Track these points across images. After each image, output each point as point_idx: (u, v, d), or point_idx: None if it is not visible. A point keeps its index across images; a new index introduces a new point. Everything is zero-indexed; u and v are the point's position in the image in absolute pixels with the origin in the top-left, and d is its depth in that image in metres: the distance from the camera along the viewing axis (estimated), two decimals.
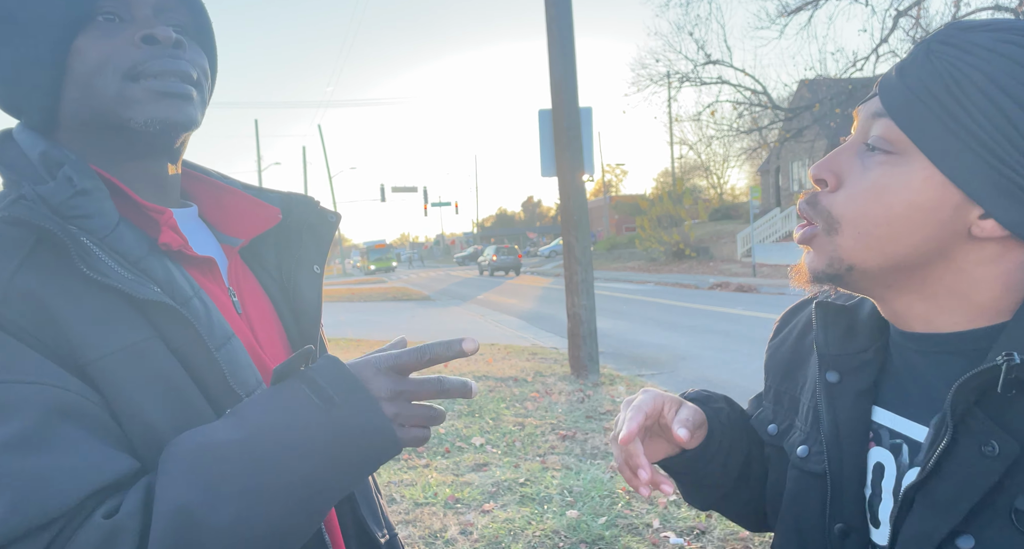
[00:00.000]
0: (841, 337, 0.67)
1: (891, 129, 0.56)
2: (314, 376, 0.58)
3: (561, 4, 5.94)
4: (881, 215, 0.56)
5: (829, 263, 0.60)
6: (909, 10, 17.07)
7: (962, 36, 0.54)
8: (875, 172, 0.57)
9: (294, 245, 0.80)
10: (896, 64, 0.58)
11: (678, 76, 21.67)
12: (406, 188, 44.93)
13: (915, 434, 0.61)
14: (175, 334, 0.60)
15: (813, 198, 0.61)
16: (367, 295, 19.66)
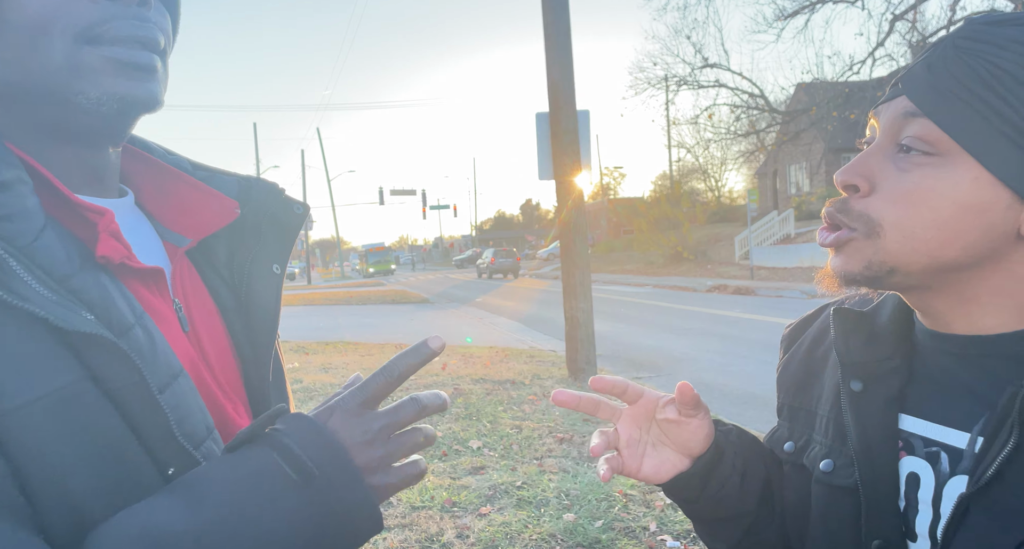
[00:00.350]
0: (863, 344, 0.64)
1: (930, 129, 0.53)
2: (287, 442, 0.48)
3: (558, 8, 5.95)
4: (929, 218, 0.53)
5: (867, 266, 0.57)
6: (905, 14, 17.13)
7: (992, 31, 0.52)
8: (916, 174, 0.54)
9: (250, 239, 0.67)
10: (920, 61, 0.55)
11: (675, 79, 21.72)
12: (405, 191, 44.96)
13: (954, 441, 0.58)
14: (111, 374, 0.48)
15: (843, 204, 0.58)
16: (365, 298, 19.64)
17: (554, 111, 6.00)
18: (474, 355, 7.69)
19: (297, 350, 8.67)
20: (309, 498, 0.47)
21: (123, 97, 0.53)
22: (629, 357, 7.75)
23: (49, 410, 0.45)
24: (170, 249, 0.63)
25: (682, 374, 6.65)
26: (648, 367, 7.12)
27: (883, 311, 0.67)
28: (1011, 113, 0.51)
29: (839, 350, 0.65)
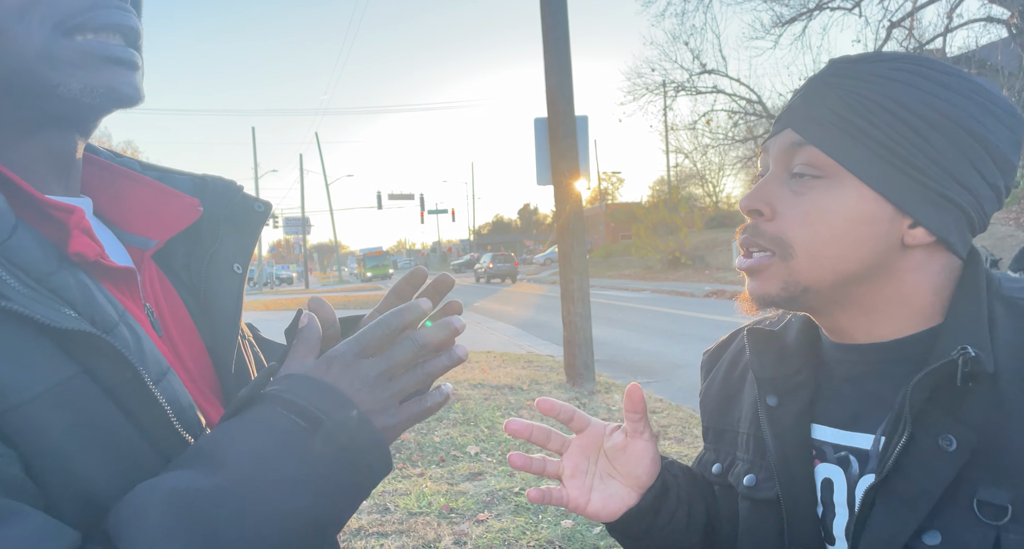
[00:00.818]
0: (775, 361, 0.69)
1: (816, 155, 0.60)
2: (289, 396, 0.50)
3: (557, 14, 5.97)
4: (828, 235, 0.59)
5: (784, 286, 0.62)
6: (902, 21, 17.22)
7: (854, 68, 0.60)
8: (811, 196, 0.60)
9: (206, 239, 0.65)
10: (798, 97, 0.63)
11: (673, 85, 21.80)
12: (403, 195, 45.01)
13: (861, 443, 0.63)
14: (105, 370, 0.47)
15: (754, 228, 0.63)
16: (363, 302, 19.62)
17: (552, 116, 6.02)
18: (472, 360, 7.68)
19: None
20: (322, 441, 0.49)
21: (107, 90, 0.52)
22: (627, 362, 7.75)
23: (53, 405, 0.44)
24: (135, 253, 0.61)
25: (679, 379, 6.65)
26: (646, 372, 7.11)
27: (791, 330, 0.72)
28: (880, 135, 0.58)
29: (754, 368, 0.70)
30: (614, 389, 5.96)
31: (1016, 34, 15.86)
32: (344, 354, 0.53)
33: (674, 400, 5.59)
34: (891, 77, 0.58)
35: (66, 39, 0.51)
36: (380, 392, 0.53)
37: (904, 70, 0.59)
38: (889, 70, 0.59)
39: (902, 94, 0.58)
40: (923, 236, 0.59)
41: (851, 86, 0.59)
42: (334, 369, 0.53)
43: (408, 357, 0.54)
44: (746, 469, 0.70)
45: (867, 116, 0.58)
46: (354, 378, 0.52)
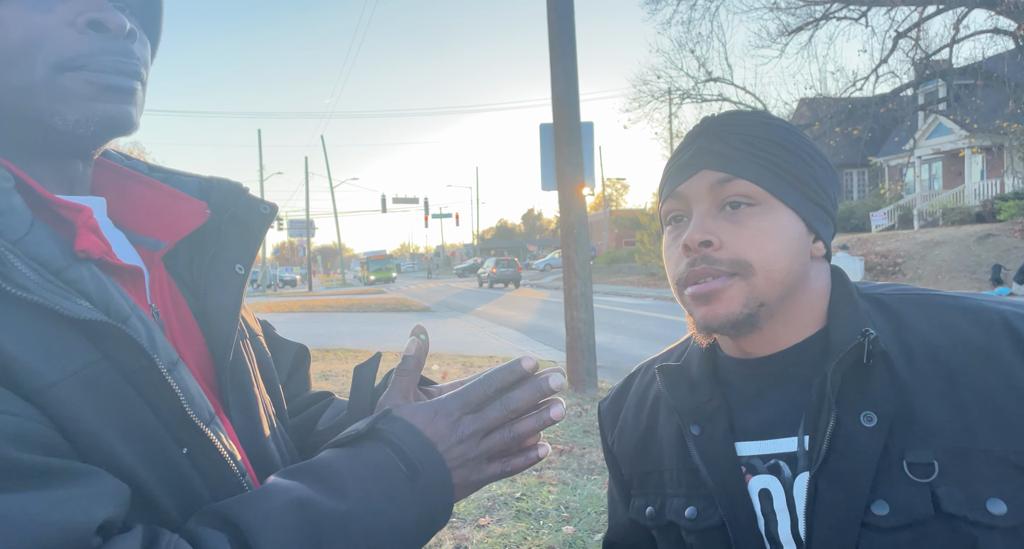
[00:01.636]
0: (688, 392, 0.74)
1: (748, 187, 0.68)
2: (399, 442, 0.55)
3: (564, 20, 6.00)
4: (776, 251, 0.67)
5: (745, 304, 0.67)
6: (908, 31, 17.24)
7: (738, 119, 0.71)
8: (753, 221, 0.68)
9: (210, 240, 0.66)
10: (700, 146, 0.71)
11: (679, 93, 21.82)
12: (407, 199, 45.08)
13: (786, 447, 0.67)
14: (123, 358, 0.50)
15: (707, 258, 0.68)
16: (366, 305, 19.64)
17: (558, 122, 6.03)
18: (474, 364, 7.67)
19: None
20: (417, 492, 0.54)
21: (100, 120, 0.54)
22: (629, 369, 7.70)
23: (81, 388, 0.47)
24: (145, 255, 0.62)
25: None
26: None
27: (692, 361, 0.77)
28: (787, 166, 0.69)
29: (673, 403, 0.75)
30: None
31: (1023, 46, 15.85)
32: (450, 411, 0.58)
33: None
34: (767, 123, 0.71)
35: (67, 74, 0.53)
36: (471, 450, 0.58)
37: (764, 122, 0.71)
38: (761, 120, 0.71)
39: (784, 135, 0.70)
40: (821, 248, 0.71)
41: (748, 130, 0.70)
42: (439, 423, 0.57)
43: (500, 419, 0.58)
44: (683, 503, 0.73)
45: (771, 152, 0.69)
46: (452, 435, 0.57)
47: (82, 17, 0.53)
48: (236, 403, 0.62)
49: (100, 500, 0.45)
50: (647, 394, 0.83)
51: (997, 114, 17.85)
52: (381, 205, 42.44)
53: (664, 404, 0.78)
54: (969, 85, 17.87)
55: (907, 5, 16.98)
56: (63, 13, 0.53)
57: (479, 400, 0.58)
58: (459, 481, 0.58)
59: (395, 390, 0.62)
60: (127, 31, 0.55)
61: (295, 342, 0.88)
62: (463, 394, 0.59)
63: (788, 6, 18.42)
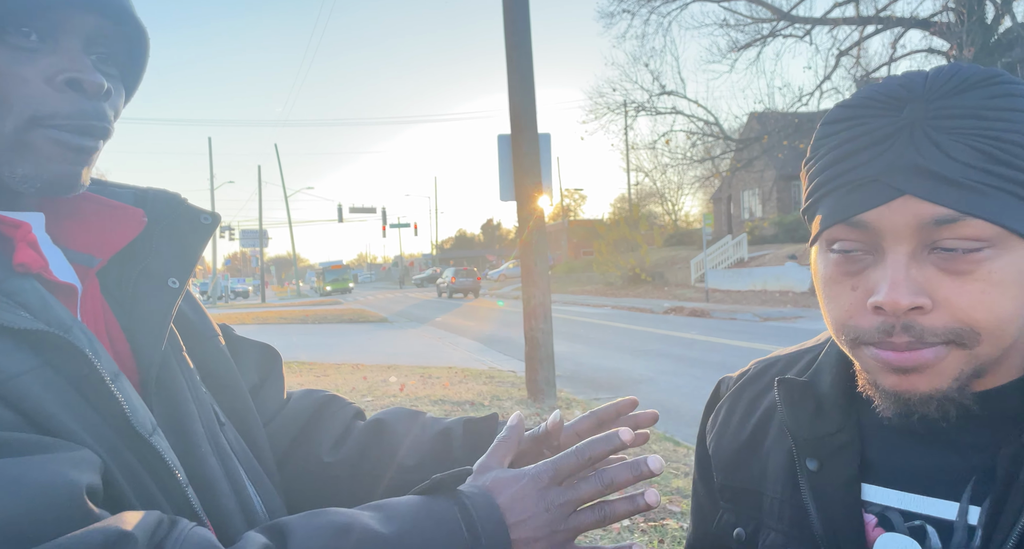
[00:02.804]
0: (811, 417, 0.60)
1: (982, 228, 0.47)
2: (469, 505, 0.55)
3: (521, 33, 6.06)
4: (1011, 309, 0.49)
5: (958, 377, 0.50)
6: (850, 49, 18.05)
7: (960, 104, 0.49)
8: (983, 271, 0.48)
9: (140, 253, 0.64)
10: (898, 159, 0.49)
11: (634, 105, 22.29)
12: (364, 209, 44.58)
13: (940, 512, 0.53)
14: (66, 366, 0.50)
15: (915, 327, 0.49)
16: (322, 316, 19.28)
17: (516, 133, 6.08)
18: (433, 376, 7.61)
19: None
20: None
21: (48, 179, 0.54)
22: (588, 378, 7.79)
23: (36, 382, 0.48)
24: (80, 271, 0.61)
25: (639, 395, 6.71)
26: (607, 388, 7.17)
27: (823, 377, 0.62)
28: None
29: (790, 427, 0.60)
30: (575, 404, 5.99)
31: None
32: (540, 478, 0.56)
33: None
34: (1007, 107, 0.48)
35: (38, 130, 0.53)
36: (557, 523, 0.55)
37: (1007, 94, 0.48)
38: (994, 98, 0.48)
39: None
40: None
41: (973, 128, 0.48)
42: (526, 488, 0.56)
43: (592, 494, 0.56)
44: (782, 541, 0.60)
45: (1012, 162, 0.47)
46: (540, 502, 0.55)
47: (62, 76, 0.53)
48: (163, 420, 0.60)
49: (81, 465, 0.45)
50: (760, 401, 0.67)
51: None
52: (337, 215, 41.86)
53: (779, 421, 0.63)
54: None
55: (848, 25, 17.79)
56: (43, 69, 0.53)
57: (572, 468, 0.57)
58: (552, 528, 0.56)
59: (493, 456, 0.61)
60: (104, 91, 0.55)
61: (258, 342, 0.83)
62: (556, 462, 0.57)
63: (737, 23, 19.07)
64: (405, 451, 0.78)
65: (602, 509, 0.57)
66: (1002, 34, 15.23)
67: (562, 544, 0.56)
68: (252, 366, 0.80)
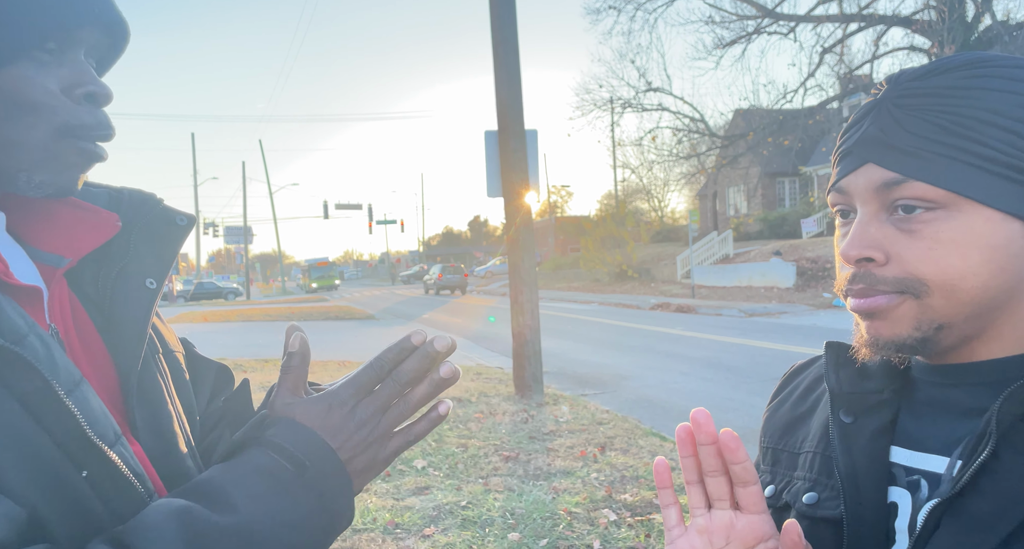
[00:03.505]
0: (854, 376, 0.64)
1: (925, 189, 0.54)
2: (278, 441, 0.55)
3: (507, 28, 6.04)
4: (963, 268, 0.54)
5: (917, 327, 0.56)
6: (833, 47, 18.20)
7: (924, 84, 0.55)
8: (930, 230, 0.54)
9: (116, 254, 0.64)
10: (868, 127, 0.57)
11: (620, 102, 22.32)
12: (350, 205, 44.29)
13: (934, 466, 0.57)
14: (16, 381, 0.49)
15: (869, 276, 0.57)
16: (307, 314, 19.16)
17: (503, 130, 6.07)
18: None
19: (234, 368, 8.30)
20: (307, 485, 0.54)
21: (59, 186, 0.57)
22: (575, 374, 7.81)
23: None
24: (46, 272, 0.60)
25: (626, 391, 6.75)
26: (593, 384, 7.19)
27: None
28: (989, 152, 0.53)
29: (830, 382, 0.65)
30: (562, 401, 6.00)
31: None
32: (344, 400, 0.58)
33: (620, 411, 5.67)
34: (973, 86, 0.54)
35: (68, 140, 0.56)
36: (373, 432, 0.58)
37: (983, 75, 0.54)
38: (965, 78, 0.54)
39: (994, 101, 0.53)
40: None
41: (933, 104, 0.54)
42: (334, 414, 0.57)
43: (393, 394, 0.58)
44: (807, 487, 0.65)
45: (966, 134, 0.53)
46: (351, 421, 0.57)
47: (80, 89, 0.56)
48: (144, 421, 0.60)
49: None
50: (821, 379, 0.71)
51: None
52: (323, 211, 41.58)
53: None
54: None
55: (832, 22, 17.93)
56: (59, 80, 0.56)
57: (372, 382, 0.58)
58: (366, 464, 0.58)
59: (283, 389, 0.60)
60: (111, 99, 0.58)
61: (215, 362, 0.84)
62: (355, 379, 0.58)
63: (722, 20, 19.15)
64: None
65: (405, 402, 0.59)
66: (982, 32, 15.44)
67: (380, 448, 0.59)
68: (206, 383, 0.81)
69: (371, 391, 0.59)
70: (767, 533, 0.58)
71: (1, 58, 0.53)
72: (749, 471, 0.56)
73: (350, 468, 0.57)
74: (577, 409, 5.63)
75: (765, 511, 0.58)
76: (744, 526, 0.57)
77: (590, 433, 4.85)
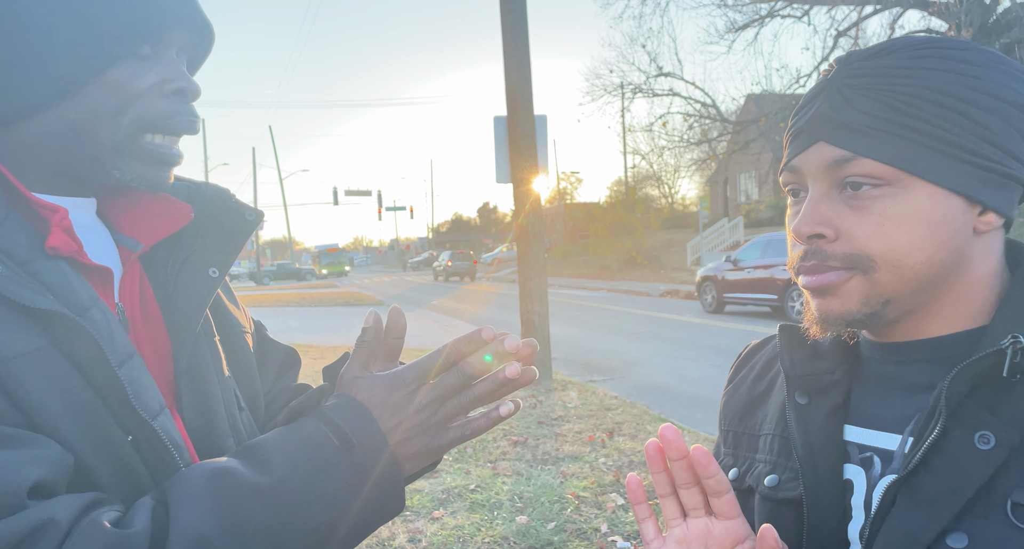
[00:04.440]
0: (807, 358, 0.66)
1: (872, 166, 0.55)
2: (332, 415, 0.57)
3: (516, 13, 5.99)
4: (907, 242, 0.55)
5: (865, 301, 0.57)
6: (848, 30, 17.90)
7: (873, 65, 0.56)
8: (878, 207, 0.56)
9: (187, 242, 0.69)
10: (816, 108, 0.58)
11: (631, 87, 22.14)
12: (360, 192, 44.33)
13: (886, 444, 0.59)
14: (74, 347, 0.54)
15: (819, 253, 0.58)
16: (318, 300, 19.28)
17: (512, 115, 6.03)
18: None
19: None
20: (352, 464, 0.55)
21: (149, 183, 0.63)
22: (584, 360, 7.83)
23: (33, 365, 0.51)
24: (124, 254, 0.66)
25: (635, 377, 6.76)
26: (602, 370, 7.21)
27: None
28: (932, 129, 0.55)
29: (784, 365, 0.66)
30: (570, 387, 6.02)
31: None
32: (407, 381, 0.59)
33: (629, 397, 5.69)
34: (918, 66, 0.55)
35: (140, 139, 0.61)
36: (430, 418, 0.59)
37: (928, 56, 0.55)
38: (911, 59, 0.56)
39: (938, 81, 0.54)
40: (994, 220, 0.57)
41: (879, 84, 0.55)
42: (394, 395, 0.59)
43: (457, 385, 0.59)
44: (768, 469, 0.66)
45: (911, 112, 0.54)
46: (409, 404, 0.59)
47: (170, 85, 0.61)
48: (189, 400, 0.64)
49: (34, 463, 0.47)
50: (776, 359, 0.73)
51: None
52: (333, 198, 41.64)
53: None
54: None
55: (846, 4, 17.63)
56: (153, 77, 0.60)
57: (437, 369, 0.59)
58: (418, 449, 0.59)
59: (354, 362, 0.62)
60: (199, 95, 0.63)
61: (284, 345, 0.89)
62: (420, 364, 0.60)
63: (735, 3, 18.87)
64: None
65: (467, 394, 0.60)
66: (1000, 14, 15.12)
67: (435, 436, 0.60)
68: (274, 365, 0.85)
69: (435, 378, 0.59)
70: (743, 535, 0.58)
71: (105, 60, 0.58)
72: (722, 482, 0.56)
73: (401, 451, 0.58)
74: (585, 395, 5.66)
75: (740, 515, 0.58)
76: (721, 531, 0.58)
77: (598, 418, 4.87)
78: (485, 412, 0.62)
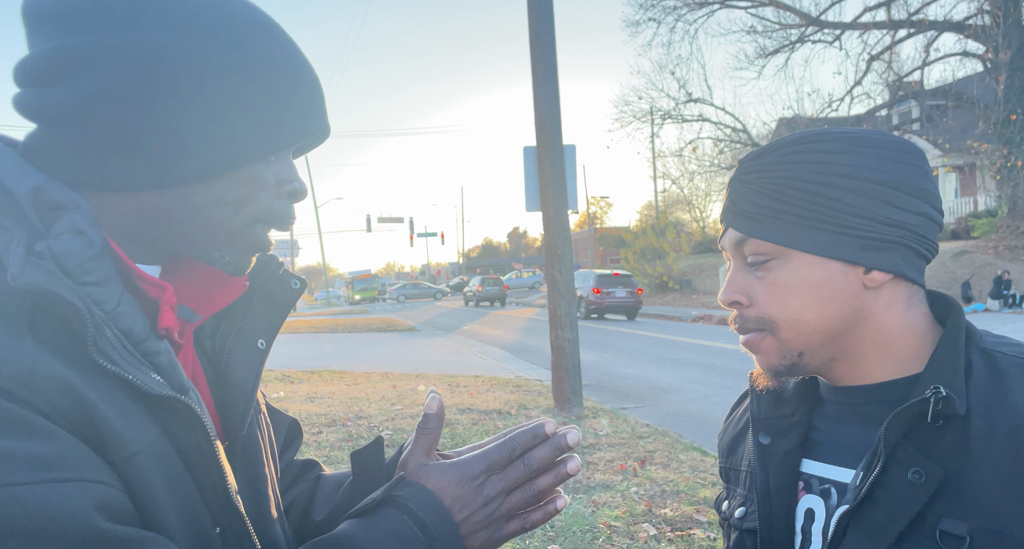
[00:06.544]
0: (771, 403, 0.76)
1: (760, 245, 0.69)
2: (412, 507, 0.57)
3: (545, 46, 6.14)
4: (797, 304, 0.68)
5: (781, 356, 0.69)
6: (881, 54, 17.73)
7: (758, 163, 0.70)
8: (771, 277, 0.68)
9: (238, 313, 0.66)
10: (726, 201, 0.73)
11: (660, 113, 22.22)
12: (392, 218, 45.04)
13: (843, 477, 0.69)
14: (181, 433, 0.53)
15: (740, 318, 0.71)
16: (351, 326, 19.53)
17: (541, 145, 6.15)
18: (460, 384, 7.67)
19: (282, 379, 8.60)
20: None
21: (241, 266, 0.62)
22: (615, 387, 7.78)
23: (150, 459, 0.50)
24: (180, 324, 0.62)
25: (666, 404, 6.69)
26: (633, 397, 7.15)
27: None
28: (801, 210, 0.67)
29: (752, 409, 0.77)
30: (602, 414, 5.99)
31: (991, 68, 16.35)
32: (476, 474, 0.60)
33: (661, 425, 5.63)
34: (788, 161, 0.68)
35: (253, 228, 0.60)
36: (496, 510, 0.60)
37: (796, 152, 0.68)
38: (784, 156, 0.68)
39: (803, 171, 0.67)
40: (881, 276, 0.66)
41: (761, 179, 0.69)
42: (465, 487, 0.59)
43: (522, 478, 0.61)
44: (739, 503, 0.78)
45: (784, 198, 0.67)
46: (479, 497, 0.59)
47: (287, 187, 0.61)
48: (244, 483, 0.62)
49: None
50: None
51: (968, 134, 18.33)
52: (366, 225, 42.37)
53: None
54: (941, 106, 18.35)
55: (879, 29, 17.49)
56: (273, 177, 0.60)
57: (503, 461, 0.60)
58: (482, 542, 0.60)
59: (418, 449, 0.63)
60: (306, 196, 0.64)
61: (288, 415, 0.87)
62: (488, 455, 0.60)
63: (764, 29, 18.90)
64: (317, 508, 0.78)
65: (531, 488, 0.62)
66: None
67: (498, 528, 0.61)
68: (279, 436, 0.82)
69: (501, 469, 0.60)
70: None
71: (251, 157, 0.58)
72: None
73: (467, 544, 0.59)
74: (617, 422, 5.62)
75: None
76: None
77: (630, 447, 4.83)
78: (542, 505, 0.64)
